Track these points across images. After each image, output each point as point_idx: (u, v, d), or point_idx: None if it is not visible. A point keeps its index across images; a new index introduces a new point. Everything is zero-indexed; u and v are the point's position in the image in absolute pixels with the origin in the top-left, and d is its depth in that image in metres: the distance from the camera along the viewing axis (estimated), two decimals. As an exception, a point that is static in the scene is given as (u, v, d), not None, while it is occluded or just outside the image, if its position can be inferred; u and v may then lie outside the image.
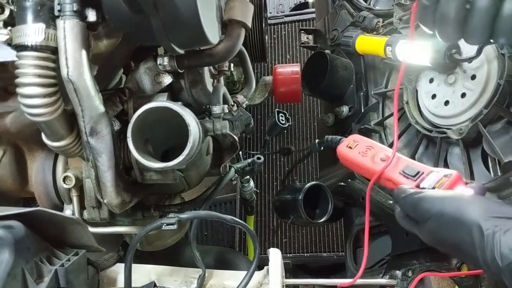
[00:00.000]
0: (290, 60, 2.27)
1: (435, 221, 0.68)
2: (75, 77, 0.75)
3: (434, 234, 0.70)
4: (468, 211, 0.64)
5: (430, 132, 1.10)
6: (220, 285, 0.99)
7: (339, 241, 1.98)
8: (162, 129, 0.93)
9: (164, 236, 1.29)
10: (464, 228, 0.63)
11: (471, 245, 0.62)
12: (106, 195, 0.89)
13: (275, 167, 2.16)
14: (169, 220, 0.85)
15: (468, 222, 0.63)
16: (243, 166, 1.21)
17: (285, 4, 2.50)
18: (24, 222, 0.75)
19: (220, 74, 1.12)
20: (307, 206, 1.25)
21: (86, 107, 0.80)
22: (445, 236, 0.67)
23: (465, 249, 0.63)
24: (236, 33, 0.93)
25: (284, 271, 1.02)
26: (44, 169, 1.05)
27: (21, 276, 0.71)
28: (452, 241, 0.66)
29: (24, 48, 0.72)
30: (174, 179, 0.95)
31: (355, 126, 1.41)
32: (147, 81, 0.95)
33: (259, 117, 2.21)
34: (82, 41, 0.75)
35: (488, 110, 0.97)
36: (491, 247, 0.59)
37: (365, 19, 1.39)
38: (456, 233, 0.65)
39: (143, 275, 1.00)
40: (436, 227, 0.69)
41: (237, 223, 0.95)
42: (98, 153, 0.84)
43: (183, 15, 0.73)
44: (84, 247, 0.88)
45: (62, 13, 0.73)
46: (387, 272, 1.11)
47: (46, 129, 0.81)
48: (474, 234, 0.61)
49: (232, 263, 1.41)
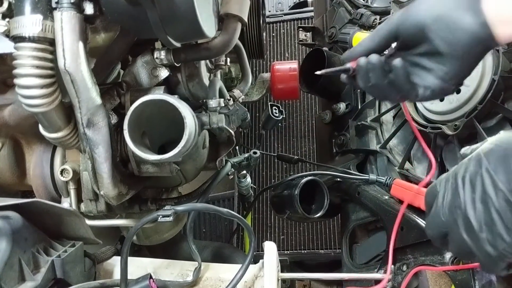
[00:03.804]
0: (288, 58, 2.27)
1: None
2: (72, 69, 0.76)
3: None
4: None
5: (425, 128, 1.11)
6: (216, 278, 1.00)
7: (336, 238, 1.99)
8: (159, 123, 0.94)
9: (161, 230, 1.30)
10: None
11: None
12: (102, 186, 0.89)
13: (273, 164, 2.17)
14: (165, 212, 0.86)
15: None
16: (240, 160, 1.22)
17: (284, 3, 2.50)
18: (21, 213, 0.76)
19: (217, 68, 1.13)
20: (303, 202, 1.26)
21: (83, 99, 0.80)
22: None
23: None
24: (233, 27, 0.93)
25: (281, 267, 1.03)
26: (42, 162, 1.06)
27: (18, 266, 0.72)
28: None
29: (21, 39, 0.73)
30: (170, 172, 0.96)
31: (351, 123, 1.41)
32: (144, 75, 0.96)
33: (257, 114, 2.22)
34: (80, 33, 0.76)
35: (482, 105, 0.98)
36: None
37: (363, 16, 1.40)
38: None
39: (139, 268, 1.01)
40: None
41: (233, 216, 0.95)
42: (94, 144, 0.85)
43: (179, 8, 0.74)
44: (81, 239, 0.88)
45: (60, 5, 0.74)
46: (382, 267, 1.12)
47: (44, 120, 0.82)
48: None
49: (229, 257, 1.41)
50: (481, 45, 0.66)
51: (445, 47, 0.67)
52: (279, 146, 2.17)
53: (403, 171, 1.21)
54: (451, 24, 0.66)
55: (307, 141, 2.15)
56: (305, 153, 2.14)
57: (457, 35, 0.66)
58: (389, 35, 0.75)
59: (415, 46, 0.72)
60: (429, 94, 0.72)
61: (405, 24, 0.72)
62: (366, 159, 1.38)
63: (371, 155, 1.36)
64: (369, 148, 1.35)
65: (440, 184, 0.66)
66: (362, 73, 0.77)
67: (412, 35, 0.71)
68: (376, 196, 1.18)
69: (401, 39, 0.74)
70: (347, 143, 1.44)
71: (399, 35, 0.74)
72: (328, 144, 1.59)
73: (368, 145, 1.35)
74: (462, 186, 0.61)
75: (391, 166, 1.27)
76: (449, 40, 0.66)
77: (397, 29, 0.73)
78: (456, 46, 0.66)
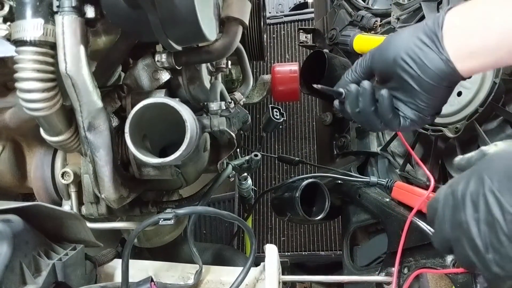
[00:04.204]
0: (289, 60, 2.27)
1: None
2: (73, 72, 0.76)
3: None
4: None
5: (426, 130, 1.11)
6: (217, 281, 1.00)
7: (337, 239, 1.99)
8: (160, 126, 0.93)
9: (162, 233, 1.30)
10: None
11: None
12: (104, 189, 0.89)
13: (273, 166, 2.17)
14: (166, 215, 0.86)
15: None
16: (241, 163, 1.22)
17: (285, 4, 2.50)
18: (22, 216, 0.76)
19: (218, 71, 1.13)
20: (304, 204, 1.26)
21: (84, 102, 0.80)
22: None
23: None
24: (234, 30, 0.93)
25: (282, 268, 1.03)
26: (43, 164, 1.06)
27: (19, 270, 0.71)
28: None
29: (23, 43, 0.73)
30: (171, 175, 0.96)
31: (352, 125, 1.42)
32: (145, 78, 0.96)
33: (258, 116, 2.21)
34: (81, 37, 0.76)
35: (483, 108, 0.98)
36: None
37: (363, 18, 1.40)
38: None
39: (140, 271, 1.01)
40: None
41: (234, 219, 0.96)
42: (96, 148, 0.85)
43: (180, 12, 0.74)
44: (82, 242, 0.88)
45: (61, 8, 0.74)
46: (383, 270, 1.11)
47: (45, 123, 0.82)
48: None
49: (230, 260, 1.41)
50: (447, 80, 0.69)
51: (414, 82, 0.71)
52: (279, 148, 2.18)
53: (404, 173, 1.21)
54: (417, 61, 0.70)
55: (308, 143, 2.15)
56: (306, 155, 2.14)
57: (423, 71, 0.69)
58: (366, 69, 0.80)
59: (389, 80, 0.76)
60: (409, 124, 0.76)
61: (377, 61, 0.77)
62: (367, 161, 1.38)
63: (372, 157, 1.36)
64: (370, 150, 1.35)
65: (439, 199, 0.66)
66: (351, 98, 0.80)
67: (384, 71, 0.76)
68: (377, 199, 1.18)
69: (376, 73, 0.79)
70: (347, 145, 1.44)
71: (374, 70, 0.79)
72: (328, 146, 1.59)
73: (369, 147, 1.35)
74: (463, 204, 0.60)
75: (392, 168, 1.27)
76: (417, 76, 0.70)
77: (371, 64, 0.79)
78: (424, 82, 0.70)
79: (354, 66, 0.83)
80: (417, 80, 0.70)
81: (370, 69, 0.79)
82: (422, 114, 0.74)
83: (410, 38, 0.71)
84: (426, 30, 0.70)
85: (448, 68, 0.67)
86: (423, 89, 0.71)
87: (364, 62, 0.80)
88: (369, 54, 0.79)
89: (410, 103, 0.74)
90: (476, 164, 0.63)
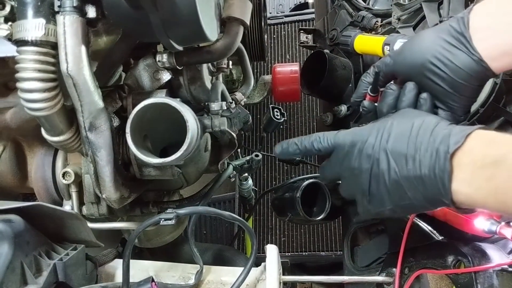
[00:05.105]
0: (289, 60, 2.28)
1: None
2: (75, 72, 0.76)
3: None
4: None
5: (427, 130, 1.11)
6: (218, 281, 1.00)
7: (337, 240, 1.99)
8: (161, 126, 0.93)
9: (163, 233, 1.30)
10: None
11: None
12: (104, 190, 0.89)
13: (274, 166, 2.17)
14: (167, 215, 0.86)
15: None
16: (241, 163, 1.22)
17: (285, 5, 2.51)
18: (23, 216, 0.76)
19: (219, 71, 1.13)
20: (305, 204, 1.26)
21: (85, 102, 0.80)
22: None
23: None
24: (235, 30, 0.93)
25: (282, 269, 1.03)
26: (44, 164, 1.06)
27: (20, 270, 0.71)
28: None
29: (24, 43, 0.72)
30: (172, 175, 0.96)
31: (353, 125, 1.41)
32: (146, 78, 0.96)
33: (259, 116, 2.22)
34: (82, 37, 0.76)
35: (484, 108, 0.98)
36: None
37: (364, 18, 1.40)
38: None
39: (141, 271, 1.01)
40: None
41: (235, 219, 0.96)
42: (97, 148, 0.85)
43: (181, 12, 0.74)
44: (82, 242, 0.88)
45: (62, 8, 0.73)
46: (384, 270, 1.11)
47: (46, 123, 0.82)
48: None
49: (230, 260, 1.41)
50: (480, 79, 0.71)
51: (446, 84, 0.72)
52: (280, 148, 2.17)
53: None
54: (447, 63, 0.71)
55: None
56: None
57: (455, 73, 0.71)
58: (388, 74, 0.82)
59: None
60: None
61: (401, 65, 0.78)
62: (367, 162, 1.38)
63: (372, 158, 1.36)
64: (371, 151, 1.34)
65: (345, 142, 0.76)
66: (391, 98, 0.80)
67: (410, 75, 0.77)
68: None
69: (400, 77, 0.80)
70: (348, 145, 1.43)
71: (397, 74, 0.80)
72: (329, 146, 1.58)
73: (369, 147, 1.35)
74: (359, 154, 0.73)
75: (393, 168, 1.27)
76: (448, 78, 0.72)
77: (394, 69, 0.80)
78: (456, 83, 0.71)
79: (371, 70, 0.84)
80: (449, 82, 0.72)
81: (393, 73, 0.80)
82: (456, 114, 0.75)
83: (436, 40, 0.72)
84: (451, 31, 0.71)
85: (480, 67, 0.69)
86: (455, 90, 0.72)
87: (385, 67, 0.81)
88: (390, 59, 0.80)
89: (443, 104, 0.75)
90: (380, 120, 0.73)
